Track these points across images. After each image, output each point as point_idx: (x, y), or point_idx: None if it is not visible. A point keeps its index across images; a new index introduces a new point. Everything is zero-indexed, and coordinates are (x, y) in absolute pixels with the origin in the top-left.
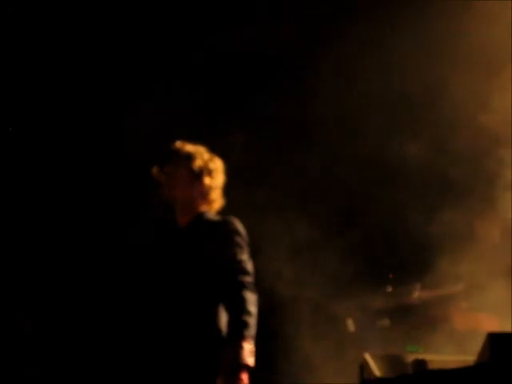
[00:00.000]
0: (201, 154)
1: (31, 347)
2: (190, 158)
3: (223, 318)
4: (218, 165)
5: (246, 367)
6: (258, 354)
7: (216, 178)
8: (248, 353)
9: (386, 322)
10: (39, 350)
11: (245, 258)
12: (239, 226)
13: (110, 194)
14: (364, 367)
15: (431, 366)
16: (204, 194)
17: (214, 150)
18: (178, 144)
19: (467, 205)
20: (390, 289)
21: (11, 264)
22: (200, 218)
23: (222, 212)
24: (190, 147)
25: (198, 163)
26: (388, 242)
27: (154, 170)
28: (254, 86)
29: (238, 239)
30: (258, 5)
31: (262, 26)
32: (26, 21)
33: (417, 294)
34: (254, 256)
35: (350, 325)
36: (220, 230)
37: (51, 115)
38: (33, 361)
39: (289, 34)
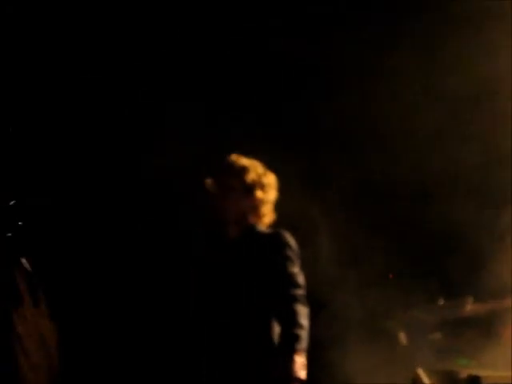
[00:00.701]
0: (255, 168)
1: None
2: (243, 170)
3: (276, 331)
4: (271, 180)
5: (298, 380)
6: (309, 366)
7: (268, 192)
8: (300, 366)
9: (437, 335)
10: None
11: (296, 270)
12: (290, 239)
13: (159, 207)
14: (416, 382)
15: (485, 382)
16: (255, 208)
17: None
18: (233, 157)
19: None
20: (441, 302)
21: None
22: (250, 230)
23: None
24: (244, 160)
25: (251, 176)
26: (439, 253)
27: (208, 181)
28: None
29: (289, 252)
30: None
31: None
32: (26, 21)
33: (469, 307)
34: (303, 264)
35: (402, 338)
36: (270, 243)
37: (61, 119)
38: None
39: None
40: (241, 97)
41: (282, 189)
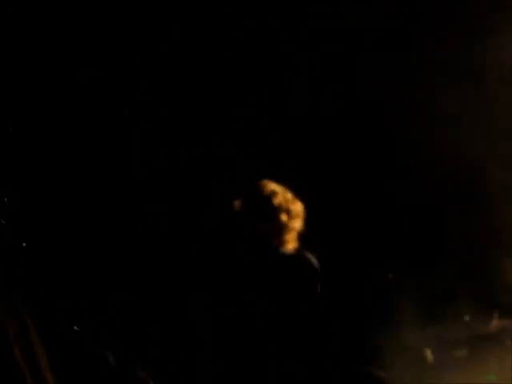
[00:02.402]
0: (283, 193)
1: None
2: (271, 194)
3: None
4: (298, 208)
5: None
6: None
7: (294, 219)
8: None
9: (464, 352)
10: None
11: (316, 291)
12: (312, 260)
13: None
14: None
15: None
16: (279, 232)
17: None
18: (264, 181)
19: None
20: (467, 318)
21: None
22: (273, 251)
23: None
24: (274, 185)
25: (278, 200)
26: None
27: (236, 202)
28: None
29: (310, 273)
30: None
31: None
32: (26, 21)
33: (495, 322)
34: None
35: (428, 355)
36: (292, 263)
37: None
38: None
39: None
40: (240, 97)
41: None
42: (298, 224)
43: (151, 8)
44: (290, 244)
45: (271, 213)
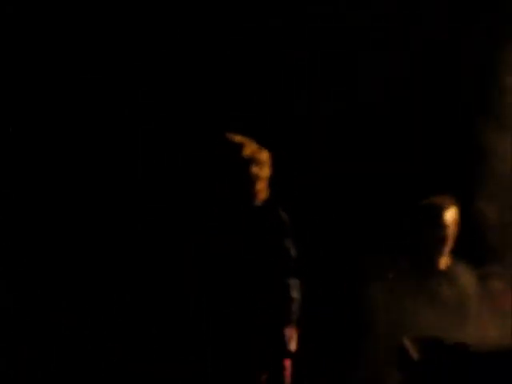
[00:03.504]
0: (249, 144)
1: None
2: (237, 147)
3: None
4: (265, 156)
5: (288, 353)
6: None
7: (263, 169)
8: (289, 339)
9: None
10: None
11: (288, 244)
12: (282, 214)
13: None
14: (402, 352)
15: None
16: (251, 183)
17: None
18: (227, 135)
19: None
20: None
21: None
22: (245, 206)
23: None
24: (238, 137)
25: (245, 152)
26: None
27: (204, 160)
28: None
29: (282, 227)
30: None
31: None
32: (26, 21)
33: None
34: None
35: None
36: (263, 218)
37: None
38: None
39: None
40: (240, 97)
41: None
42: (266, 172)
43: (151, 8)
44: (262, 193)
45: (240, 168)
